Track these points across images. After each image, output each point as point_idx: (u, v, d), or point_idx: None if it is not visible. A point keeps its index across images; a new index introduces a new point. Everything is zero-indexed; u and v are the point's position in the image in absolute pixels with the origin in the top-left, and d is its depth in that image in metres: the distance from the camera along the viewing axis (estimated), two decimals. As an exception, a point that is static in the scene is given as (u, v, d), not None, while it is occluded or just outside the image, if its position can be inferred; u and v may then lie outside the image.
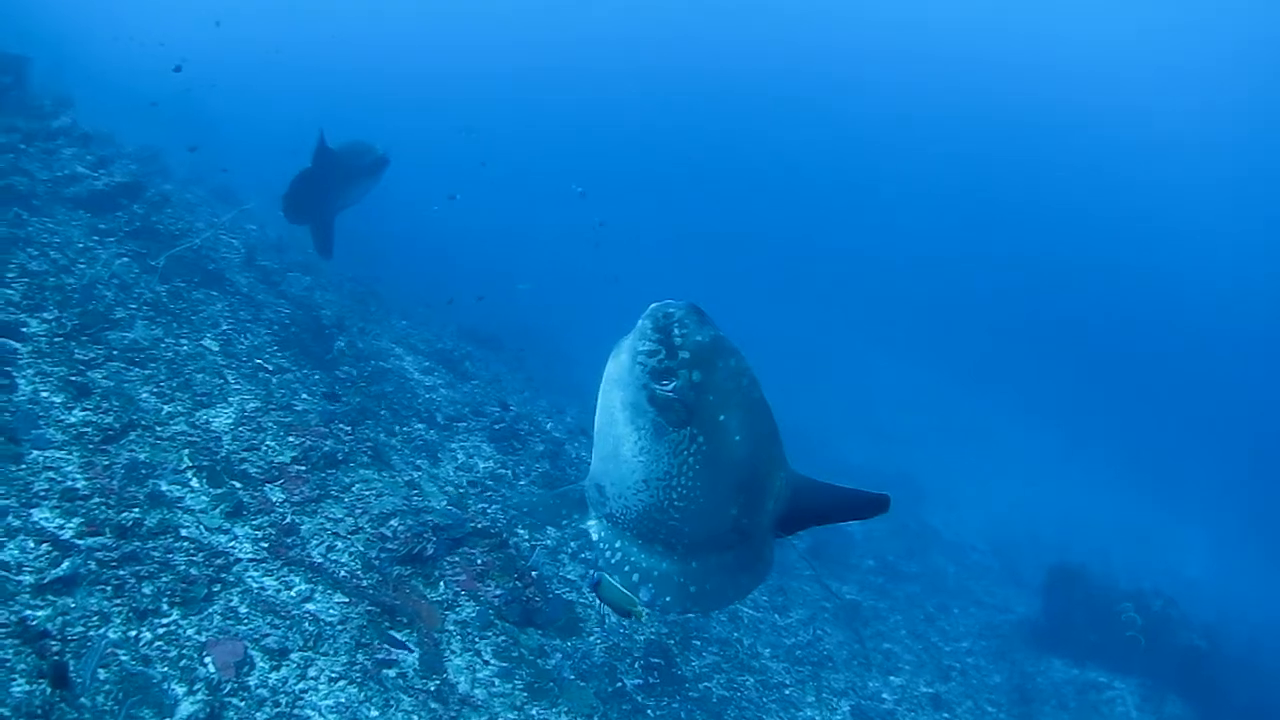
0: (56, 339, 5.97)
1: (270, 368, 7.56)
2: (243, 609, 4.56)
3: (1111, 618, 12.30)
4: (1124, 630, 12.01)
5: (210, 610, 4.45)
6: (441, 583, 5.54)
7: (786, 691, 7.80)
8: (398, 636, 4.88)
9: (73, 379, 5.59)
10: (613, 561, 3.96)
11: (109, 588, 4.28)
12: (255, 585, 4.77)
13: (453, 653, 5.09)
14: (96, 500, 4.71)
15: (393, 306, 14.07)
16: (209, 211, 12.41)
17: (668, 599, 3.82)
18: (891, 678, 9.36)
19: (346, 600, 4.92)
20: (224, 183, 16.17)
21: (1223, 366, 40.62)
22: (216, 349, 7.22)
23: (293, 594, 4.83)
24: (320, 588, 4.94)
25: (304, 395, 7.38)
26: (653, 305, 3.78)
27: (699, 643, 7.63)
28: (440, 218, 22.45)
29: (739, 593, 3.93)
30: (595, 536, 4.07)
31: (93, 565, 4.32)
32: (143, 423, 5.54)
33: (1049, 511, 20.26)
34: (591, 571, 3.89)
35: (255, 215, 13.56)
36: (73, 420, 5.26)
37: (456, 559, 5.82)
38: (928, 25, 57.35)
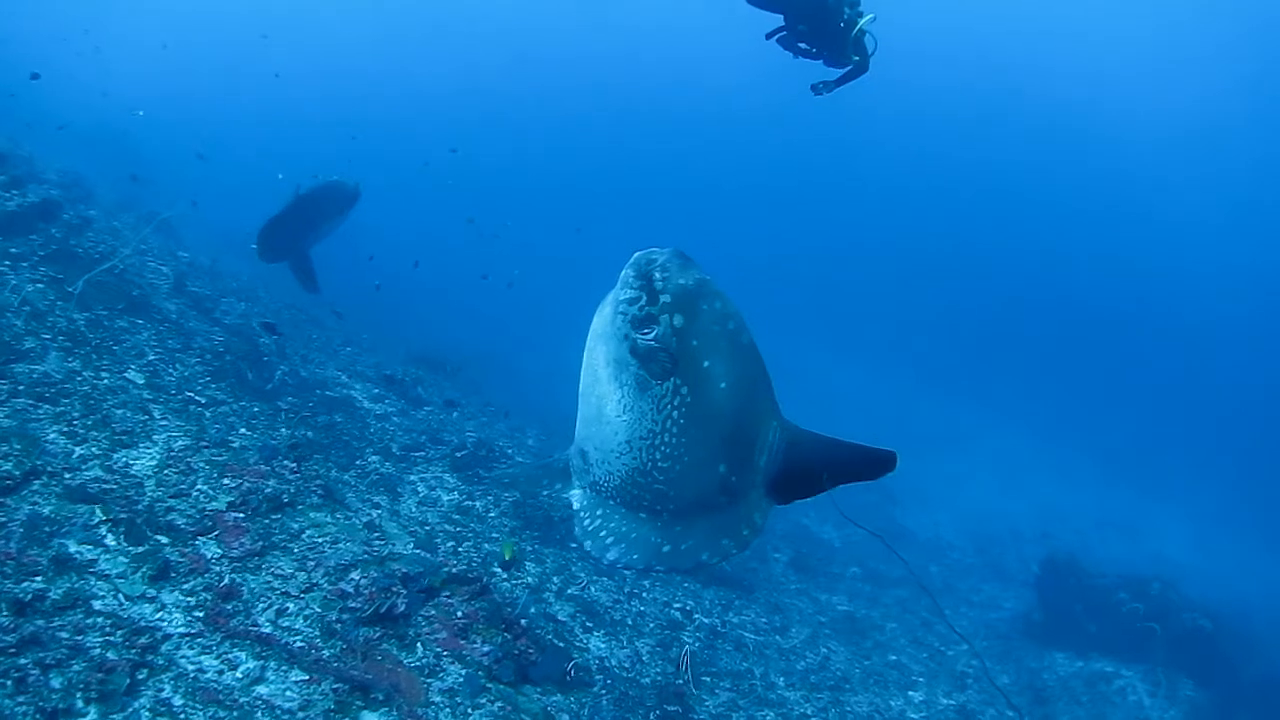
0: (-48, 374, 5.14)
1: (202, 400, 6.71)
2: (177, 700, 3.69)
3: (1110, 607, 12.15)
4: (1128, 619, 11.83)
5: (136, 706, 3.58)
6: (419, 644, 4.68)
7: (812, 724, 7.13)
8: (374, 718, 4.03)
9: (-35, 420, 4.73)
10: (589, 529, 3.72)
11: (9, 682, 3.43)
12: (191, 667, 3.89)
13: (442, 731, 4.24)
14: (-11, 570, 3.84)
15: (335, 333, 13.49)
16: (136, 238, 11.61)
17: (635, 557, 3.60)
18: (911, 693, 8.81)
19: (306, 678, 4.05)
20: (161, 213, 15.41)
21: (1185, 349, 41.14)
22: (141, 381, 6.40)
23: (238, 675, 3.95)
24: (272, 664, 4.07)
25: (241, 430, 6.53)
26: (637, 253, 3.58)
27: (709, 679, 6.94)
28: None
29: (717, 554, 3.55)
30: (576, 505, 3.84)
31: (-14, 655, 3.44)
32: (49, 469, 4.68)
33: (1025, 506, 20.21)
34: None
35: (187, 243, 12.85)
36: (-39, 470, 4.40)
37: (433, 612, 4.97)
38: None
